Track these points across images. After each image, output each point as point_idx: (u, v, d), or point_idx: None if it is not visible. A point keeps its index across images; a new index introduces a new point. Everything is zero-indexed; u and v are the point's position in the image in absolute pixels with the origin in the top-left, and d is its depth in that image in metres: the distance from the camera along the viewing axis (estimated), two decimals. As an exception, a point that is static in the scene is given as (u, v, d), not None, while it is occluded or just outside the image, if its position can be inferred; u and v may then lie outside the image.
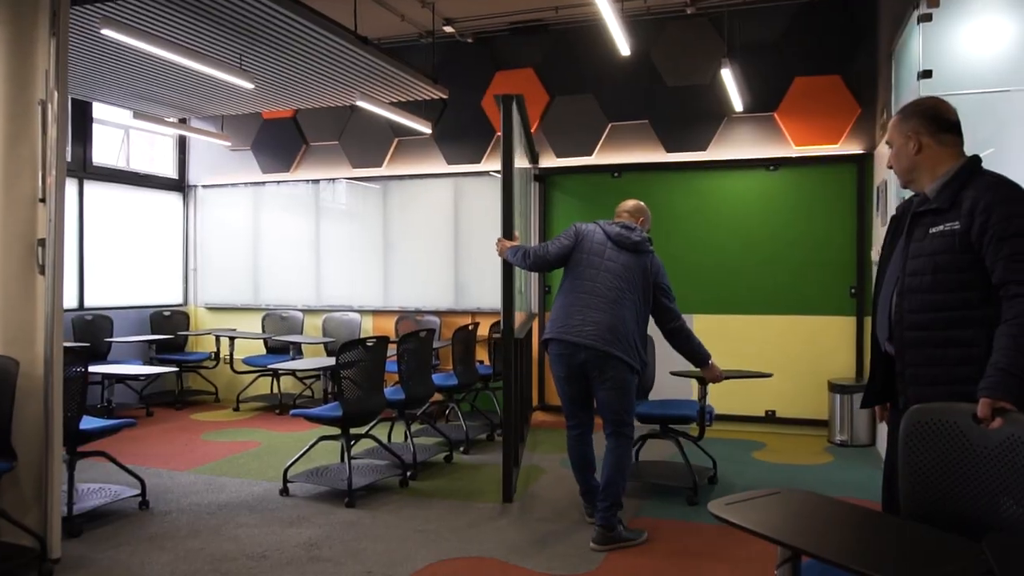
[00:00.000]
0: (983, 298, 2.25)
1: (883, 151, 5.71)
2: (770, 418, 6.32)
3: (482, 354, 6.75)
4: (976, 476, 2.04)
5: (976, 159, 2.36)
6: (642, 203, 4.05)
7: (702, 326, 6.18)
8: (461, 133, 7.25)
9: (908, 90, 4.63)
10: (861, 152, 6.12)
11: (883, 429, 5.47)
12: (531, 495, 4.56)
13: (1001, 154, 4.01)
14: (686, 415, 4.53)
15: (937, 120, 2.35)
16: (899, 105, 5.10)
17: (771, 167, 6.36)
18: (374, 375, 4.72)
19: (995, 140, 4.03)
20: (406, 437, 5.33)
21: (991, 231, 2.20)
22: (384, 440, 5.62)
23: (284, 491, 4.55)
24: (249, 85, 5.44)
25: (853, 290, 6.17)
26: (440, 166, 7.36)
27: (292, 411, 4.68)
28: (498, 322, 6.38)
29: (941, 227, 2.29)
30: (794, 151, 6.30)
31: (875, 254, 5.89)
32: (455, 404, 5.94)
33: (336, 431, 4.60)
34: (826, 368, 6.11)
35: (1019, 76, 4.08)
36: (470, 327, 6.09)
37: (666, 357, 4.40)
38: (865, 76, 6.08)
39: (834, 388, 5.94)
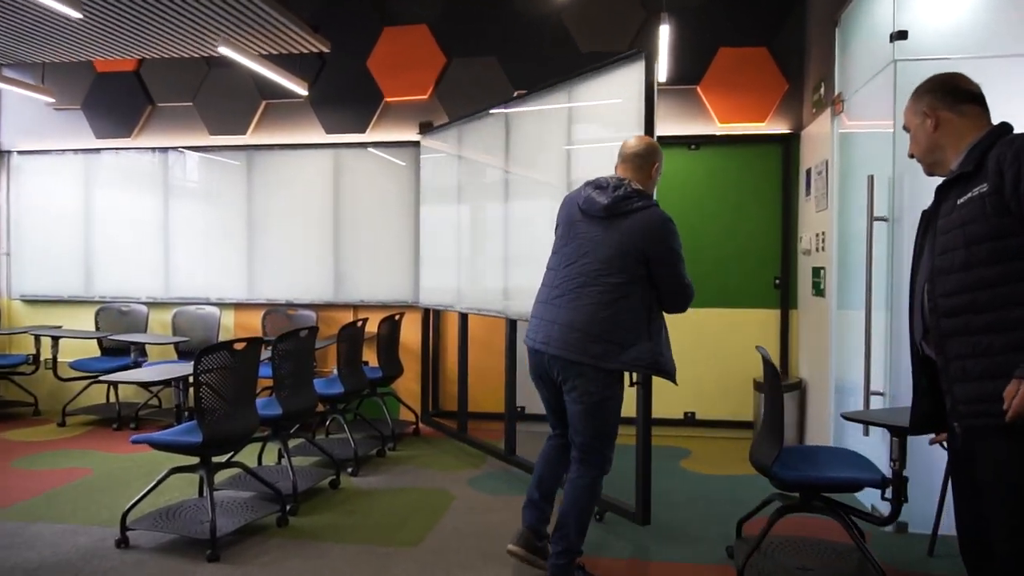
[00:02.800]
0: None
1: (813, 131, 5.27)
2: (690, 420, 5.79)
3: (368, 354, 5.82)
4: None
5: (1006, 124, 2.06)
6: (647, 140, 3.09)
7: None
8: (343, 97, 6.25)
9: (868, 58, 4.14)
10: (788, 132, 5.67)
11: (816, 429, 5.03)
12: (444, 532, 3.73)
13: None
14: (850, 479, 2.93)
15: (955, 92, 2.14)
16: (845, 78, 4.64)
17: (692, 146, 5.81)
18: (244, 388, 3.73)
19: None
20: (280, 457, 4.37)
21: None
22: (254, 463, 4.62)
23: (122, 542, 3.48)
24: (75, 13, 4.23)
25: (777, 281, 5.73)
26: (317, 135, 6.32)
27: (133, 437, 3.59)
28: (388, 317, 5.50)
29: (968, 195, 1.95)
30: (718, 128, 5.77)
31: (803, 244, 5.45)
32: (340, 414, 4.99)
33: (194, 460, 3.59)
34: (749, 365, 5.63)
35: (994, 43, 3.66)
36: (359, 324, 5.15)
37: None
38: (794, 49, 5.63)
39: (760, 387, 5.47)
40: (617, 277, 2.82)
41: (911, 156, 2.22)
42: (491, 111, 5.10)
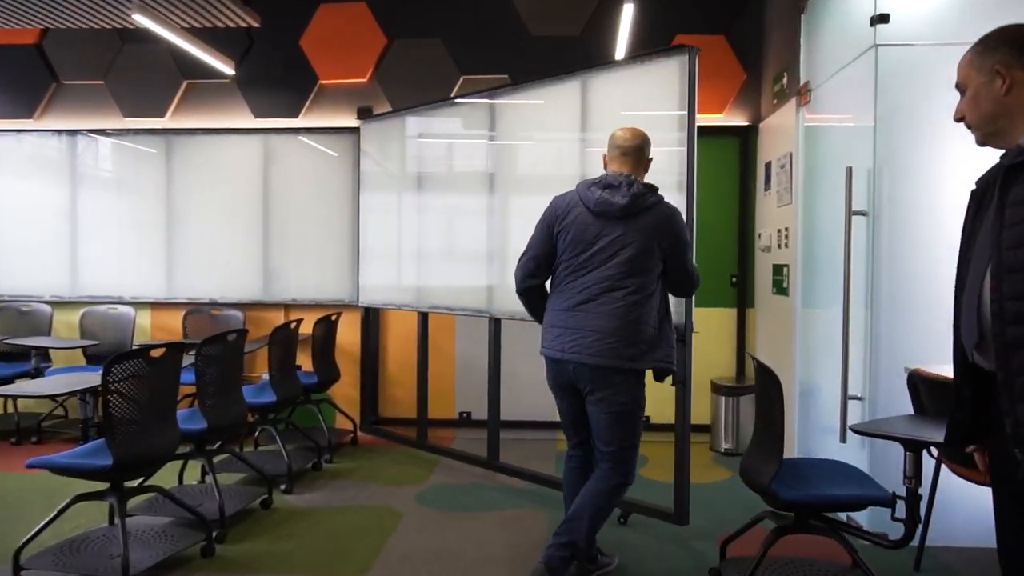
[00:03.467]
0: None
1: (774, 123, 5.08)
2: (645, 426, 5.51)
3: (302, 358, 5.36)
4: None
5: None
6: (640, 131, 2.99)
7: None
8: (273, 78, 5.75)
9: (841, 44, 3.93)
10: (746, 124, 5.46)
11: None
12: (392, 557, 3.34)
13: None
14: (855, 498, 2.67)
15: None
16: (813, 66, 4.43)
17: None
18: (162, 400, 3.26)
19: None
20: (205, 475, 3.91)
21: None
22: (175, 483, 4.13)
23: (15, 583, 2.99)
24: (-42, -30, 3.66)
25: (734, 279, 5.53)
26: (244, 119, 5.80)
27: (29, 461, 3.07)
28: (324, 318, 5.07)
29: None
30: (674, 120, 5.52)
31: (763, 240, 5.25)
32: (271, 425, 4.54)
33: (104, 485, 3.10)
34: (706, 366, 5.40)
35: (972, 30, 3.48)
36: (292, 325, 4.70)
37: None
38: (752, 38, 5.42)
39: (718, 389, 5.25)
40: (641, 277, 2.80)
41: (959, 120, 1.86)
42: (472, 99, 4.77)
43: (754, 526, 2.99)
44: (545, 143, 4.39)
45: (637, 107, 3.81)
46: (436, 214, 5.02)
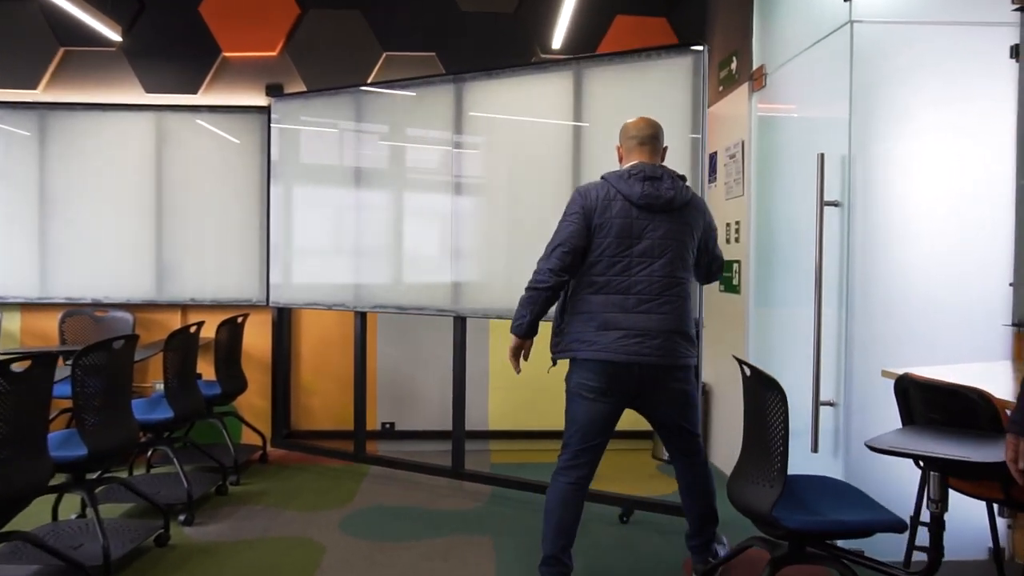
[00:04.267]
0: None
1: (721, 111, 4.79)
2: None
3: (203, 366, 4.74)
4: None
5: None
6: (654, 120, 2.95)
7: (478, 325, 4.89)
8: (168, 49, 5.07)
9: (806, 23, 3.65)
10: (689, 112, 5.18)
11: (726, 440, 4.55)
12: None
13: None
14: (866, 523, 2.32)
15: None
16: (769, 49, 4.15)
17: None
18: (28, 424, 2.63)
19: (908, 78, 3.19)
20: (84, 507, 3.30)
21: None
22: (46, 522, 3.48)
23: None
24: None
25: (676, 276, 5.23)
26: (134, 94, 5.10)
27: None
28: (229, 320, 4.48)
29: None
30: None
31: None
32: (167, 445, 3.91)
33: (-53, 534, 2.47)
34: (648, 369, 5.08)
35: (947, 10, 3.26)
36: (192, 329, 4.08)
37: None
38: (694, 21, 5.13)
39: (661, 394, 4.93)
40: (688, 270, 2.83)
41: None
42: (438, 84, 4.32)
43: (740, 554, 2.64)
44: (527, 145, 4.09)
45: (639, 106, 3.56)
46: (379, 207, 4.53)
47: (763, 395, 2.38)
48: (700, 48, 3.62)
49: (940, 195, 3.23)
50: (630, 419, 4.91)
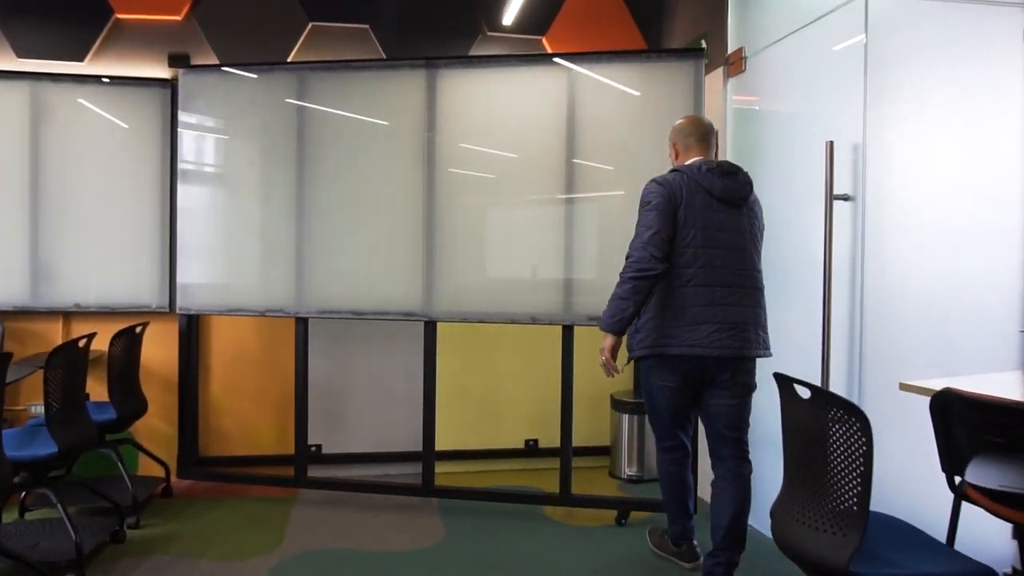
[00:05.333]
0: None
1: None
2: (532, 450, 4.68)
3: (94, 386, 3.98)
4: None
5: None
6: (704, 118, 3.10)
7: (411, 331, 4.40)
8: (47, 7, 4.25)
9: (792, 4, 3.31)
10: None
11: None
12: None
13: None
14: None
15: None
16: (749, 31, 3.79)
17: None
18: None
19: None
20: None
21: None
22: None
23: None
24: None
25: (632, 278, 4.85)
26: (2, 58, 4.26)
27: None
28: (126, 331, 3.78)
29: None
30: (566, 91, 4.75)
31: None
32: (48, 487, 3.17)
33: None
34: (604, 380, 4.65)
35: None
36: (82, 343, 3.34)
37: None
38: (651, 3, 4.76)
39: (620, 406, 4.52)
40: (760, 262, 2.86)
41: None
42: (403, 69, 3.89)
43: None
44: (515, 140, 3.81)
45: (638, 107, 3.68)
46: (328, 199, 3.96)
47: (829, 422, 1.96)
48: (701, 51, 3.70)
49: (961, 187, 2.93)
50: (589, 435, 4.53)
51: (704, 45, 4.18)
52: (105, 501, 3.54)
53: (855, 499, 1.90)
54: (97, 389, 3.99)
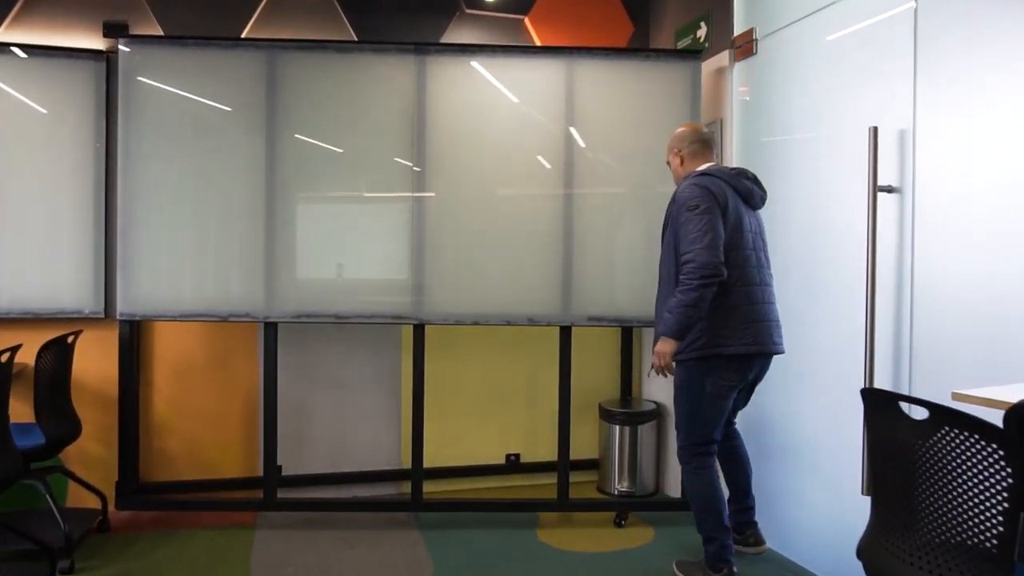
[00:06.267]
0: None
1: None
2: (514, 466, 4.31)
3: (17, 406, 3.40)
4: None
5: None
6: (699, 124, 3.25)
7: (384, 337, 4.05)
8: (-47, -37, 3.66)
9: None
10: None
11: (676, 470, 3.88)
12: None
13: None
14: None
15: None
16: (761, 10, 3.51)
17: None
18: None
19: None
20: None
21: None
22: None
23: None
24: None
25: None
26: (-98, 24, 3.64)
27: None
28: (56, 341, 3.24)
29: None
30: (549, 75, 4.40)
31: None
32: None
33: None
34: (589, 389, 4.32)
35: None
36: (4, 357, 2.79)
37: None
38: (640, -20, 4.46)
39: (610, 416, 4.18)
40: None
41: None
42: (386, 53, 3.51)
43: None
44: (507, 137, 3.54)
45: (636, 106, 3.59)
46: (302, 191, 3.52)
47: (950, 446, 1.66)
48: (700, 52, 3.70)
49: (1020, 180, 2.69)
50: (574, 447, 4.18)
51: (703, 29, 3.89)
52: (30, 543, 3.00)
53: (994, 540, 1.60)
54: (19, 409, 3.41)
